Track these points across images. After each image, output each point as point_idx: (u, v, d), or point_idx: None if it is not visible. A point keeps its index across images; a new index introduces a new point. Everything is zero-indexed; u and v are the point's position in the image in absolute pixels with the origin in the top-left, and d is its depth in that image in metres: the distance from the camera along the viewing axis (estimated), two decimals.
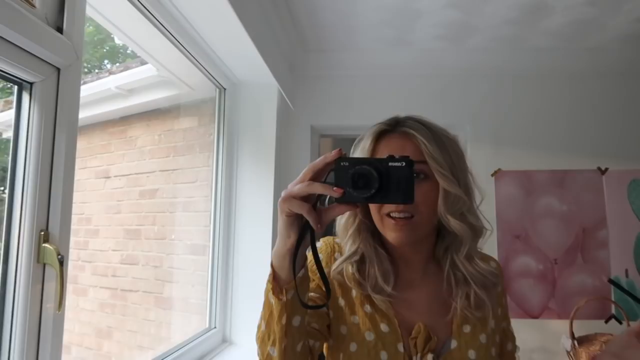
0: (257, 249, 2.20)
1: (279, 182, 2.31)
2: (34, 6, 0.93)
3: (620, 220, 2.44)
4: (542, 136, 2.60)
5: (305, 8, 2.20)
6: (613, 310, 2.36)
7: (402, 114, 0.97)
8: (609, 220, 2.45)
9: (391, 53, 2.67)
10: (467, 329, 0.92)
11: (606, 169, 2.49)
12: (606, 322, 2.36)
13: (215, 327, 2.12)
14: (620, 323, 2.29)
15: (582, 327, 2.25)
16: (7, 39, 0.86)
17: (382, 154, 0.89)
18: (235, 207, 2.26)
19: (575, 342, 2.14)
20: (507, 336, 1.04)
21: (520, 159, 2.57)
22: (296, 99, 2.65)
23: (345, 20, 2.31)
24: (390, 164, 0.71)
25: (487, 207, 0.97)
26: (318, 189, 0.70)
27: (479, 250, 0.97)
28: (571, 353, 2.14)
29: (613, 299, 2.35)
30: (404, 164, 0.70)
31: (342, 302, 0.94)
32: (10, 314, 0.90)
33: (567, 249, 2.46)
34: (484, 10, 2.17)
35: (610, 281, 2.37)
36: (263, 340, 0.82)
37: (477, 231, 0.93)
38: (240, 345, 2.15)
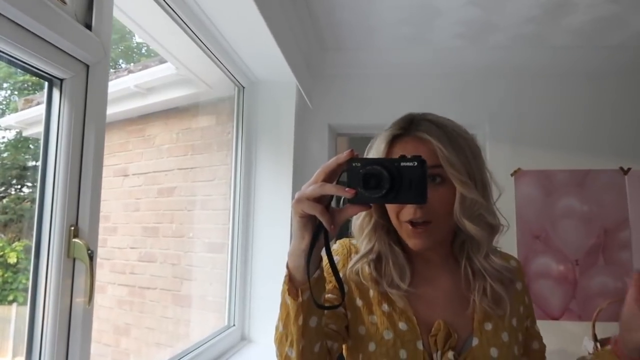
0: (275, 247, 2.20)
1: (297, 181, 2.30)
2: (64, 2, 0.94)
3: None
4: (562, 135, 2.57)
5: (324, 7, 2.20)
6: None
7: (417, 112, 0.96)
8: (631, 220, 2.41)
9: (409, 52, 2.66)
10: (488, 326, 0.91)
11: (629, 169, 2.45)
12: None
13: (234, 325, 2.13)
14: None
15: (605, 330, 2.22)
16: (39, 34, 0.87)
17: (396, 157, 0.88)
18: (254, 205, 2.27)
19: (598, 345, 2.11)
20: (532, 335, 1.02)
21: (540, 158, 2.55)
22: (314, 97, 2.64)
23: (364, 18, 2.31)
24: (402, 163, 0.70)
25: (506, 207, 0.97)
26: (330, 189, 0.71)
27: (498, 249, 0.97)
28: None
29: None
30: (415, 163, 0.70)
31: (359, 302, 0.94)
32: (41, 307, 0.91)
33: (589, 249, 2.43)
34: (505, 8, 2.15)
35: None
36: (281, 341, 0.82)
37: (494, 229, 0.92)
38: (259, 343, 2.15)
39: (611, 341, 0.93)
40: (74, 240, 0.94)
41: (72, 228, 0.95)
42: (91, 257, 0.94)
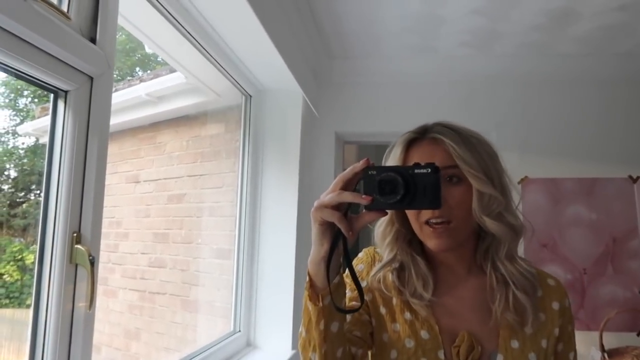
0: (281, 254, 2.23)
1: (303, 188, 2.33)
2: (69, 18, 0.98)
3: None
4: (569, 143, 2.55)
5: (330, 16, 2.23)
6: None
7: (430, 121, 0.97)
8: None
9: (415, 60, 2.67)
10: (515, 344, 0.89)
11: (637, 177, 2.43)
12: (638, 334, 2.29)
13: (239, 331, 2.15)
14: None
15: (613, 340, 2.20)
16: (45, 49, 0.91)
17: (413, 161, 0.88)
18: (260, 212, 2.29)
19: (606, 355, 2.09)
20: None
21: (548, 166, 2.53)
22: (320, 105, 2.67)
23: (369, 27, 2.33)
24: (416, 170, 0.73)
25: None
26: (348, 197, 0.74)
27: (529, 262, 0.94)
28: None
29: None
30: (429, 170, 0.73)
31: (383, 310, 0.95)
32: (44, 312, 0.94)
33: (597, 258, 2.41)
34: (510, 17, 2.16)
35: None
36: (304, 346, 0.84)
37: (516, 230, 0.91)
38: (264, 349, 2.17)
39: None
40: (76, 246, 0.98)
41: (75, 234, 0.98)
42: (92, 263, 0.98)
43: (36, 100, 2.20)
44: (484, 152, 0.90)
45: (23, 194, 2.01)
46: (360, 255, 1.03)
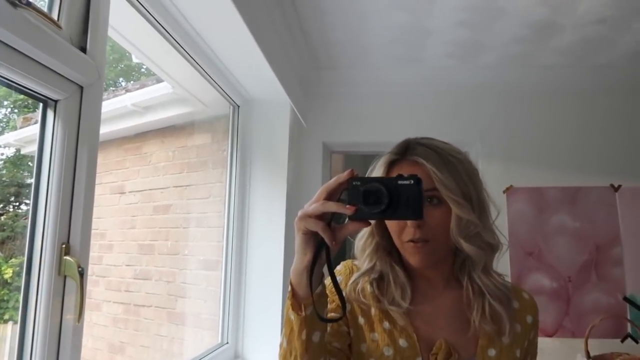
0: (269, 265, 2.22)
1: (291, 198, 2.33)
2: (60, 27, 0.98)
3: (634, 237, 2.42)
4: (553, 153, 2.60)
5: (317, 26, 2.25)
6: (629, 329, 2.33)
7: (414, 135, 0.99)
8: (623, 237, 2.43)
9: (402, 70, 2.70)
10: (492, 352, 0.92)
11: (619, 186, 2.48)
12: (622, 341, 2.33)
13: (227, 343, 2.13)
14: (637, 342, 2.26)
15: (598, 346, 2.22)
16: (35, 58, 0.90)
17: None
18: (248, 223, 2.28)
19: None
20: None
21: (532, 175, 2.57)
22: (308, 115, 2.68)
23: (356, 38, 2.35)
24: (399, 182, 0.74)
25: (499, 224, 0.98)
26: (332, 207, 0.74)
27: (503, 277, 0.99)
28: None
29: (629, 317, 2.32)
30: (412, 182, 0.74)
31: (361, 320, 0.96)
32: (32, 324, 0.92)
33: (581, 266, 2.44)
34: (494, 29, 2.20)
35: (626, 299, 2.34)
36: (285, 357, 0.85)
37: (492, 247, 0.94)
38: None
39: None
40: (65, 257, 0.96)
41: (64, 246, 0.97)
42: (82, 274, 0.96)
43: (16, 110, 2.17)
44: (464, 172, 0.92)
45: (1, 206, 1.97)
46: (338, 267, 1.04)
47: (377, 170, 0.97)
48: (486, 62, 2.58)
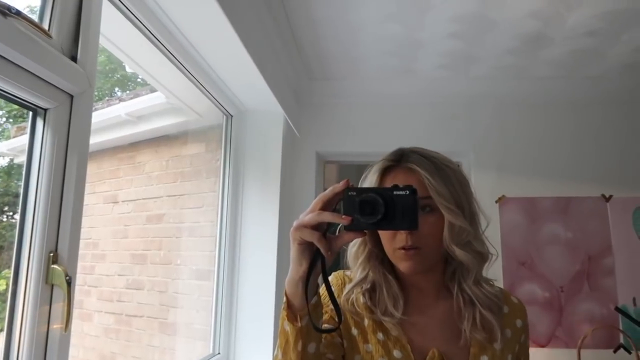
0: (262, 275, 2.21)
1: (284, 208, 2.33)
2: (50, 37, 0.98)
3: (626, 247, 2.44)
4: (545, 163, 2.62)
5: (310, 38, 2.27)
6: (621, 340, 2.33)
7: (407, 145, 1.01)
8: (614, 247, 2.44)
9: (395, 81, 2.72)
10: (484, 359, 0.92)
11: (610, 196, 2.49)
12: (614, 351, 2.33)
13: (219, 353, 2.12)
14: (630, 352, 2.26)
15: (591, 357, 2.23)
16: (25, 67, 0.90)
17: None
18: (241, 233, 2.28)
19: None
20: None
21: (524, 185, 2.59)
22: (301, 126, 2.69)
23: (349, 50, 2.37)
24: (394, 192, 0.75)
25: (491, 234, 1.00)
26: (327, 217, 0.75)
27: (495, 284, 1.00)
28: None
29: (621, 327, 2.32)
30: (407, 192, 0.75)
31: (355, 331, 0.96)
32: (18, 333, 0.92)
33: (573, 276, 2.45)
34: (485, 41, 2.22)
35: (618, 310, 2.34)
36: None
37: (483, 257, 0.96)
38: None
39: None
40: (52, 266, 0.96)
41: (52, 254, 0.97)
42: (69, 283, 0.96)
43: (11, 120, 2.17)
44: (457, 181, 0.93)
45: None
46: (330, 278, 1.03)
47: (370, 177, 0.97)
48: (478, 74, 2.60)
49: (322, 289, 0.86)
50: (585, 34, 2.14)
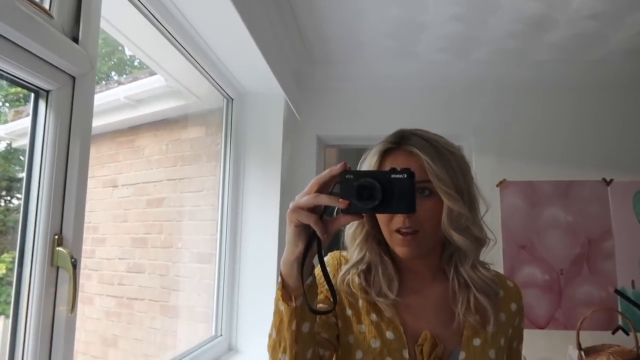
0: (263, 257, 2.22)
1: (285, 191, 2.33)
2: (51, 17, 0.97)
3: (626, 231, 2.45)
4: (546, 147, 2.62)
5: (312, 21, 2.24)
6: (620, 322, 2.35)
7: (409, 126, 0.99)
8: (614, 231, 2.45)
9: (396, 64, 2.70)
10: (477, 342, 0.93)
11: (611, 180, 2.50)
12: (613, 333, 2.36)
13: (221, 335, 2.13)
14: (628, 334, 2.29)
15: (589, 338, 2.25)
16: (26, 47, 0.89)
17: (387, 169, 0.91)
18: (242, 216, 2.28)
19: (582, 353, 2.13)
20: (515, 355, 1.04)
21: (525, 169, 2.59)
22: (302, 109, 2.68)
23: (351, 32, 2.35)
24: (392, 176, 0.74)
25: (492, 218, 1.00)
26: (325, 200, 0.74)
27: (491, 268, 1.00)
28: None
29: (620, 309, 2.35)
30: (405, 175, 0.74)
31: (349, 312, 0.97)
32: (24, 316, 0.92)
33: (573, 259, 2.46)
34: (487, 24, 2.20)
35: (617, 292, 2.37)
36: (274, 347, 0.84)
37: (480, 242, 0.95)
38: (246, 353, 2.16)
39: None
40: (57, 248, 0.96)
41: (56, 237, 0.96)
42: (74, 265, 0.96)
43: (7, 104, 2.15)
44: (457, 166, 0.92)
45: None
46: (326, 258, 1.04)
47: (370, 159, 0.96)
48: (480, 57, 2.58)
49: (318, 270, 0.85)
50: (589, 17, 2.12)
